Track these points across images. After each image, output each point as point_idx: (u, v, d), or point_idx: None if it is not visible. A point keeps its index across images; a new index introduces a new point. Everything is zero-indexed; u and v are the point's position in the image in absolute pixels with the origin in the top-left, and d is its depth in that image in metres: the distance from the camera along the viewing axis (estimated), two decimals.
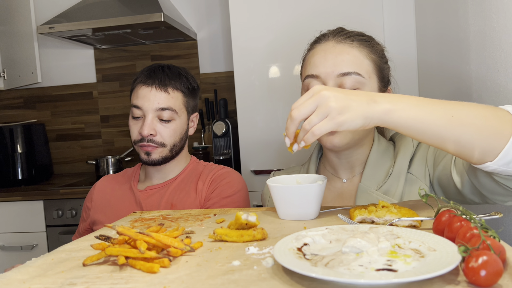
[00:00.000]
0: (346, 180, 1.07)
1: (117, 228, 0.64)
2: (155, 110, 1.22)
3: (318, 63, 0.99)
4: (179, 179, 1.31)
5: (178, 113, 1.25)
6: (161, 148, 1.24)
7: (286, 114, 2.01)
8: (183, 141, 1.31)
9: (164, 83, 1.23)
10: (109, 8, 2.26)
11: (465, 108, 0.70)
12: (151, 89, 1.23)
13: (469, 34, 1.31)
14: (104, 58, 2.75)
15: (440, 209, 0.66)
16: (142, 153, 1.26)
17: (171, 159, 1.28)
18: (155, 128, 1.23)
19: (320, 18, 1.93)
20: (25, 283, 0.59)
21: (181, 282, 0.55)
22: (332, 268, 0.52)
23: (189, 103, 1.30)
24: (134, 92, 1.27)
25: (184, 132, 1.30)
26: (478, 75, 1.26)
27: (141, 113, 1.24)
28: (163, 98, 1.23)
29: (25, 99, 2.86)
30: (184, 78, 1.28)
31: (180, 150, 1.31)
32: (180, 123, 1.27)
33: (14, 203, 2.24)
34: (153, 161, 1.25)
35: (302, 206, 0.81)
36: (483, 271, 0.47)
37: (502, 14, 1.08)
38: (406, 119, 0.69)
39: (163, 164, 1.28)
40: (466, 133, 0.69)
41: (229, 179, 1.28)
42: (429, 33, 1.84)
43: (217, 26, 2.62)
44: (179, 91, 1.26)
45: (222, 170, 1.31)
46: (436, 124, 0.69)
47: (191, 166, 1.35)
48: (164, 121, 1.23)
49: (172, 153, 1.27)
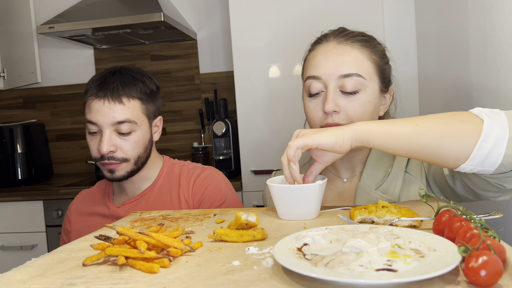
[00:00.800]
0: (346, 180, 1.07)
1: (117, 228, 0.64)
2: (112, 124, 1.11)
3: (319, 64, 0.99)
4: (157, 187, 1.24)
5: (137, 124, 1.14)
6: (125, 163, 1.15)
7: (286, 114, 2.01)
8: (149, 150, 1.21)
9: (117, 94, 1.12)
10: (109, 8, 2.26)
11: (428, 117, 0.76)
12: (104, 102, 1.11)
13: (469, 34, 1.31)
14: (104, 58, 2.75)
15: (440, 209, 0.66)
16: (105, 171, 1.16)
17: (137, 171, 1.19)
18: (114, 143, 1.12)
19: (320, 18, 1.93)
20: (25, 283, 0.58)
21: (181, 282, 0.55)
22: (332, 268, 0.52)
23: (149, 109, 1.19)
24: (86, 106, 1.16)
25: (148, 141, 1.20)
26: (478, 75, 1.26)
27: (97, 129, 1.13)
28: (119, 111, 1.11)
29: (25, 99, 2.86)
30: (139, 83, 1.17)
31: (147, 159, 1.21)
32: (142, 133, 1.16)
33: (14, 203, 2.24)
34: (117, 178, 1.16)
35: (302, 206, 0.81)
36: (483, 271, 0.47)
37: (502, 14, 1.08)
38: (374, 132, 0.77)
39: (131, 177, 1.19)
40: (433, 139, 0.74)
41: (215, 183, 1.22)
42: (429, 33, 1.84)
43: (217, 26, 2.62)
44: (136, 99, 1.14)
45: (204, 173, 1.24)
46: (402, 133, 0.75)
47: (166, 169, 1.27)
48: (123, 134, 1.13)
49: (138, 166, 1.18)
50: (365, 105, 0.97)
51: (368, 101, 0.97)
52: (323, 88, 0.98)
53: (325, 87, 0.98)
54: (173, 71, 2.68)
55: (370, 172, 1.03)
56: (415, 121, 0.76)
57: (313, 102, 1.00)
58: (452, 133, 0.73)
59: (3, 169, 2.48)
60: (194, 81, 2.68)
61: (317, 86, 0.98)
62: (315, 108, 0.99)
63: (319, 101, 0.99)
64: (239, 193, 2.13)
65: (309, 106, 1.01)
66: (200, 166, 1.27)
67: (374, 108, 0.99)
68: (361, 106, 0.96)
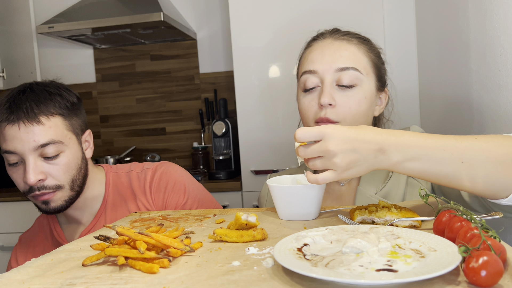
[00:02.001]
0: (343, 183, 1.05)
1: (117, 229, 0.64)
2: (34, 149, 0.97)
3: (315, 59, 0.98)
4: (110, 205, 1.11)
5: (64, 143, 1.00)
6: (59, 191, 1.01)
7: (286, 114, 2.01)
8: (84, 170, 1.07)
9: (33, 114, 0.97)
10: (108, 7, 2.26)
11: (476, 150, 0.68)
12: (20, 126, 0.96)
13: (470, 34, 1.31)
14: (104, 58, 2.75)
15: (441, 209, 0.66)
16: (39, 204, 1.03)
17: (77, 196, 1.05)
18: (42, 170, 0.98)
19: (320, 18, 1.93)
20: (25, 283, 0.58)
21: (180, 283, 0.55)
22: (332, 268, 0.52)
23: (74, 124, 1.04)
24: (0, 134, 1.00)
25: (81, 160, 1.06)
26: (478, 75, 1.26)
27: (18, 158, 0.99)
28: (39, 132, 0.97)
29: None
30: (56, 97, 1.02)
31: (85, 181, 1.07)
32: (72, 152, 1.02)
33: (14, 203, 2.24)
34: (55, 209, 1.02)
35: (302, 206, 0.81)
36: (484, 271, 0.47)
37: (502, 14, 1.08)
38: (414, 170, 0.68)
39: (72, 205, 1.05)
40: (477, 176, 0.68)
41: (172, 182, 1.11)
42: (429, 33, 1.84)
43: (217, 26, 2.62)
44: (56, 115, 1.00)
45: (157, 175, 1.12)
46: (445, 172, 0.68)
47: (112, 181, 1.13)
48: (50, 158, 0.99)
49: (75, 190, 1.04)
50: (361, 101, 0.96)
51: (364, 97, 0.96)
52: (319, 83, 0.97)
53: (321, 81, 0.97)
54: (173, 71, 2.68)
55: (369, 175, 1.01)
56: (461, 157, 0.67)
57: (308, 97, 0.98)
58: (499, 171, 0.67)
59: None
60: (194, 81, 2.68)
61: (313, 81, 0.97)
62: (310, 103, 0.97)
63: (315, 96, 0.97)
64: (239, 193, 2.13)
65: (304, 102, 0.99)
66: (149, 168, 1.14)
67: (369, 106, 0.98)
68: (357, 102, 0.95)
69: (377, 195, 0.97)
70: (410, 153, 0.67)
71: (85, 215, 1.11)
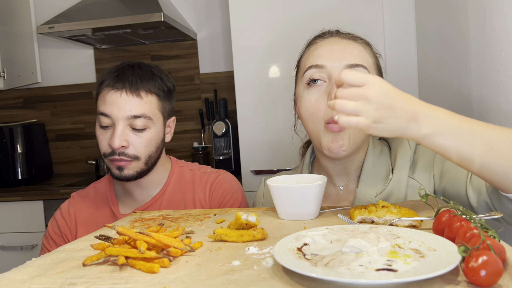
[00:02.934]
0: (343, 187, 1.02)
1: (117, 228, 0.64)
2: (127, 118, 1.06)
3: (323, 54, 0.93)
4: (168, 192, 1.18)
5: (153, 120, 1.09)
6: (135, 162, 1.09)
7: (286, 114, 2.01)
8: (160, 151, 1.15)
9: (136, 87, 1.07)
10: (109, 8, 2.26)
11: (506, 140, 0.68)
12: (121, 94, 1.06)
13: (469, 34, 1.31)
14: (104, 58, 2.75)
15: (440, 209, 0.66)
16: (114, 168, 1.09)
17: (147, 172, 1.13)
18: (127, 138, 1.06)
19: (320, 18, 1.93)
20: (25, 283, 0.58)
21: (181, 282, 0.55)
22: (332, 268, 0.52)
23: (165, 107, 1.14)
24: (100, 97, 1.10)
25: (161, 140, 1.14)
26: (478, 75, 1.26)
27: (110, 122, 1.07)
28: (136, 104, 1.06)
29: (25, 99, 2.86)
30: (158, 79, 1.12)
31: (157, 161, 1.16)
32: (156, 131, 1.11)
33: (14, 203, 2.24)
34: (126, 177, 1.09)
35: (302, 206, 0.81)
36: (483, 271, 0.47)
37: (502, 14, 1.08)
38: (442, 146, 0.68)
39: (139, 179, 1.13)
40: (502, 165, 0.68)
41: (232, 189, 1.20)
42: (429, 33, 1.84)
43: (217, 26, 2.62)
44: (154, 94, 1.10)
45: (219, 178, 1.20)
46: (472, 153, 0.68)
47: (176, 173, 1.21)
48: (137, 130, 1.07)
49: (148, 166, 1.12)
50: None
51: None
52: (326, 78, 0.92)
53: (328, 77, 0.91)
54: (173, 71, 2.69)
55: (368, 179, 0.97)
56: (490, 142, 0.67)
57: (314, 93, 0.92)
58: None
59: (3, 169, 2.48)
60: (194, 81, 2.68)
61: (320, 75, 0.92)
62: (318, 100, 0.91)
63: (322, 92, 0.91)
64: None
65: (309, 99, 0.92)
66: (213, 171, 1.23)
67: None
68: None
69: (377, 198, 0.95)
70: (442, 128, 0.67)
71: (143, 194, 1.18)
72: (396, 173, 0.96)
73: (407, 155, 0.98)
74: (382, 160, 1.00)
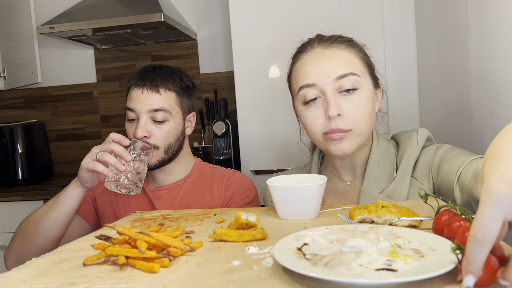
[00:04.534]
0: (349, 182, 1.06)
1: (117, 228, 0.64)
2: (148, 111, 1.21)
3: (311, 71, 0.96)
4: (189, 180, 1.31)
5: (171, 114, 1.23)
6: (155, 151, 1.22)
7: (286, 114, 2.01)
8: (180, 142, 1.29)
9: (155, 84, 1.22)
10: (109, 8, 2.26)
11: None
12: (143, 91, 1.21)
13: (469, 34, 1.31)
14: (104, 58, 2.76)
15: (440, 209, 0.66)
16: None
17: (168, 161, 1.27)
18: (148, 129, 1.21)
19: (320, 18, 1.93)
20: (25, 283, 0.59)
21: (181, 282, 0.55)
22: (332, 268, 0.53)
23: (184, 102, 1.29)
24: (128, 95, 1.27)
25: (180, 132, 1.28)
26: (478, 75, 1.26)
27: (135, 115, 1.22)
28: (155, 99, 1.21)
29: (25, 99, 2.87)
30: (177, 78, 1.27)
31: (178, 151, 1.29)
32: (175, 123, 1.25)
33: (14, 203, 2.24)
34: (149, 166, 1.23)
35: (302, 206, 0.81)
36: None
37: (501, 14, 1.09)
38: None
39: (161, 167, 1.26)
40: None
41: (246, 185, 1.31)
42: (429, 34, 1.84)
43: (217, 26, 2.62)
44: (172, 91, 1.24)
45: (235, 176, 1.33)
46: None
47: (198, 168, 1.35)
48: (158, 122, 1.22)
49: (168, 155, 1.25)
50: (365, 104, 0.96)
51: (367, 99, 0.97)
52: (319, 94, 0.96)
53: (322, 92, 0.96)
54: None
55: (372, 175, 1.01)
56: None
57: (311, 110, 0.97)
58: None
59: (4, 169, 2.48)
60: (194, 81, 2.68)
61: (313, 93, 0.96)
62: (315, 115, 0.97)
63: (318, 107, 0.96)
64: None
65: (307, 115, 0.98)
66: (232, 170, 1.36)
67: (372, 106, 0.99)
68: (362, 105, 0.95)
69: (381, 195, 0.97)
70: None
71: (167, 180, 1.32)
72: (400, 172, 0.98)
73: (413, 155, 1.00)
74: (386, 157, 1.03)
